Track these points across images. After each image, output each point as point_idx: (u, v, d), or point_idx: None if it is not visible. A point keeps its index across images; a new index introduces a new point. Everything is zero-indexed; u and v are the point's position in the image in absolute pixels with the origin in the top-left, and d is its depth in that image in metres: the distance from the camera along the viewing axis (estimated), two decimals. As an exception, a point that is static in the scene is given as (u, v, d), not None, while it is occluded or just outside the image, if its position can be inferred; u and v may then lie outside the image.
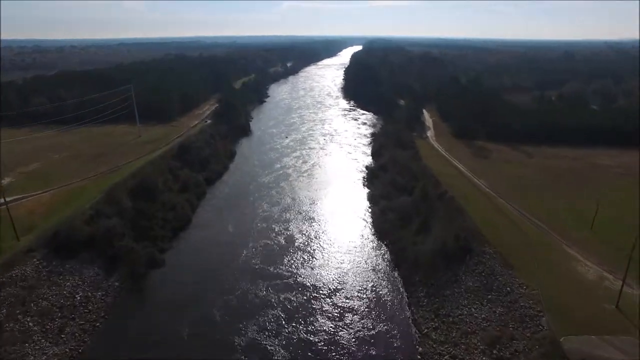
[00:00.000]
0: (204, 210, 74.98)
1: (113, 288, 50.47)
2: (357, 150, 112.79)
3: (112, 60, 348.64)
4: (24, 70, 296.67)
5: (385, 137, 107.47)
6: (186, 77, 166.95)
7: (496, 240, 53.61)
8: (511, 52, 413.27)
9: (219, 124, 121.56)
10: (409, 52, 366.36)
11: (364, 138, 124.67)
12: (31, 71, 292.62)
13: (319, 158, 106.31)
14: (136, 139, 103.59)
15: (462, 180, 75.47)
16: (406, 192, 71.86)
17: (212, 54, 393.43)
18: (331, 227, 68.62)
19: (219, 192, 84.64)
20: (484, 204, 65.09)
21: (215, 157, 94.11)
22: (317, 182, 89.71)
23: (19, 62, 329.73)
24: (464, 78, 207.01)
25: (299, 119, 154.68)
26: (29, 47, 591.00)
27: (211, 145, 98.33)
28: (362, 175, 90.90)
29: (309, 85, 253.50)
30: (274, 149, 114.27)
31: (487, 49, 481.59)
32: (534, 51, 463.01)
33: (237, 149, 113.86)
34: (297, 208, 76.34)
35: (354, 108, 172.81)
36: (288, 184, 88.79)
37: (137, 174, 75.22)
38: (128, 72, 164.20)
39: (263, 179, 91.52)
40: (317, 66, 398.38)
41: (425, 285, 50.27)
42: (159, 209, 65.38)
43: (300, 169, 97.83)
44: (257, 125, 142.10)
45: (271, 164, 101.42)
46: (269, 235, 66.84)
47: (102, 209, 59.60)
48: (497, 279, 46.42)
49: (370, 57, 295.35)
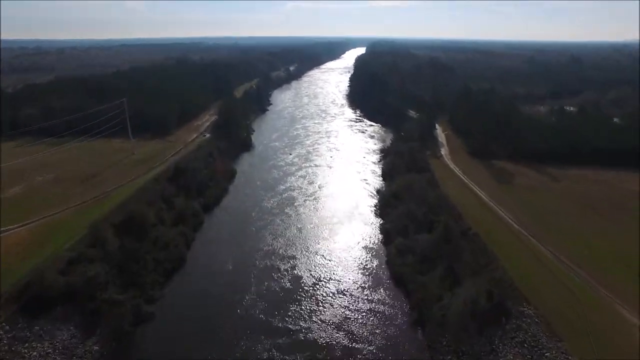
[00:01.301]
0: (201, 245, 67.74)
1: (91, 354, 43.24)
2: (366, 169, 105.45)
3: (112, 62, 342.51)
4: (21, 73, 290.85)
5: (396, 155, 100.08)
6: (186, 85, 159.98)
7: (535, 297, 46.32)
8: (518, 56, 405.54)
9: (218, 139, 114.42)
10: (415, 55, 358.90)
11: (373, 154, 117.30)
12: (28, 74, 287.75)
13: (325, 178, 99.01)
14: (129, 157, 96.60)
15: (485, 213, 68.14)
16: (425, 227, 64.58)
17: (213, 56, 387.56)
18: (342, 269, 61.32)
19: (217, 220, 77.45)
20: (515, 246, 57.73)
21: (214, 179, 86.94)
22: (324, 208, 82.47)
23: (17, 65, 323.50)
24: (475, 85, 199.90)
25: (303, 130, 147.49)
26: (29, 48, 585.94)
27: (209, 166, 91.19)
28: (374, 201, 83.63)
29: (313, 91, 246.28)
30: (278, 167, 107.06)
31: (492, 51, 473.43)
32: (540, 54, 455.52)
33: (238, 166, 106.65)
34: (304, 242, 69.11)
35: (360, 118, 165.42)
36: (293, 210, 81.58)
37: (127, 202, 68.19)
38: (125, 80, 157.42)
39: (266, 204, 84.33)
40: (321, 70, 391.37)
41: (456, 353, 42.90)
42: (150, 249, 58.15)
43: (306, 192, 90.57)
44: (259, 138, 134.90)
45: (275, 185, 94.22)
46: (273, 276, 59.66)
47: (83, 252, 52.45)
48: (545, 354, 39.01)
49: (375, 61, 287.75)
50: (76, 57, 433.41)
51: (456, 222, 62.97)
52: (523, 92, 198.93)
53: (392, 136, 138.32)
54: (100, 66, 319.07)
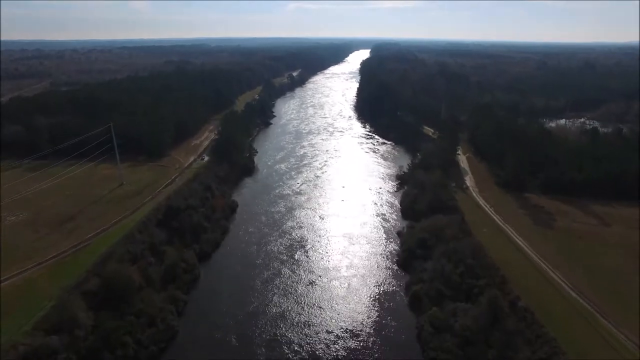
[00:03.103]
0: (195, 310, 56.94)
1: None
2: (382, 199, 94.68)
3: (110, 68, 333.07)
4: (17, 79, 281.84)
5: (416, 186, 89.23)
6: (184, 96, 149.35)
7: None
8: (527, 60, 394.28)
9: (217, 163, 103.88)
10: (423, 61, 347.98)
11: (389, 180, 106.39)
12: (24, 80, 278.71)
13: (338, 212, 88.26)
14: (117, 188, 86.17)
15: (532, 273, 57.39)
16: (462, 294, 53.94)
17: (215, 59, 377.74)
18: (363, 347, 50.63)
19: (216, 273, 66.68)
20: (577, 325, 46.93)
21: (212, 218, 76.33)
22: (339, 254, 71.81)
23: (12, 70, 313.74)
24: (490, 96, 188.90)
25: (310, 148, 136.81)
26: (30, 51, 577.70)
27: (207, 202, 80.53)
28: (395, 246, 72.91)
29: (318, 100, 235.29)
30: (284, 197, 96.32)
31: (499, 55, 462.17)
32: (548, 58, 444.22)
33: (240, 196, 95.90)
34: (317, 303, 58.58)
35: (370, 134, 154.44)
36: (304, 255, 70.97)
37: (109, 256, 57.67)
38: (118, 92, 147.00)
39: (272, 247, 73.77)
40: (325, 75, 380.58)
41: None
42: (132, 327, 47.55)
43: (318, 231, 79.84)
44: (262, 158, 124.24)
45: (281, 221, 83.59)
46: (284, 349, 49.26)
47: (45, 344, 41.76)
48: None
49: (382, 67, 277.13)
50: (75, 60, 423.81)
51: (500, 289, 52.23)
52: (541, 104, 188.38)
53: (406, 157, 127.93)
54: (97, 72, 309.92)
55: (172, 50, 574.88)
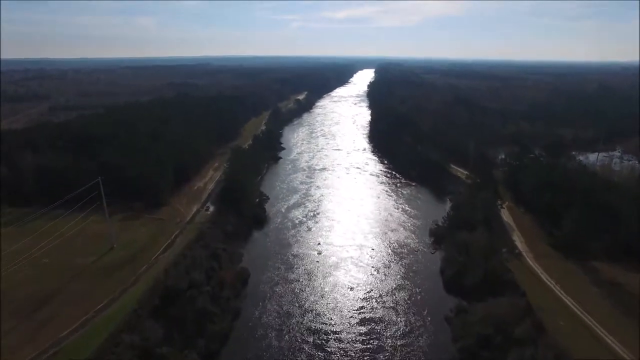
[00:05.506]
0: None
1: None
2: (420, 265, 79.95)
3: (111, 90, 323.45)
4: (15, 102, 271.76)
5: (458, 251, 75.47)
6: (186, 129, 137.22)
7: None
8: (540, 82, 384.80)
9: (224, 215, 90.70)
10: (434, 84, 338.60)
11: (420, 235, 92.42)
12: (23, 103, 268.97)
13: (370, 282, 73.97)
14: (107, 253, 72.85)
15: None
16: None
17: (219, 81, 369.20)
18: None
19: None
20: None
21: (219, 299, 62.41)
22: (378, 342, 57.74)
23: (12, 92, 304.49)
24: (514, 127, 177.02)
25: (326, 189, 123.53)
26: (33, 70, 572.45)
27: (213, 274, 66.85)
28: (445, 340, 58.58)
29: (328, 129, 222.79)
30: (303, 257, 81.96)
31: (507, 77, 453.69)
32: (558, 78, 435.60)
33: (251, 259, 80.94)
34: None
35: (390, 172, 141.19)
36: (337, 354, 56.72)
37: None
38: (115, 124, 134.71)
39: (294, 334, 59.73)
40: (332, 98, 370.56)
41: None
42: None
43: (348, 311, 65.53)
44: (274, 204, 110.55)
45: (302, 295, 69.39)
46: None
47: None
48: None
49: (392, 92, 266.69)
50: (77, 82, 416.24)
51: None
52: (567, 134, 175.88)
53: (433, 202, 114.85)
54: (97, 94, 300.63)
55: (175, 71, 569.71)
